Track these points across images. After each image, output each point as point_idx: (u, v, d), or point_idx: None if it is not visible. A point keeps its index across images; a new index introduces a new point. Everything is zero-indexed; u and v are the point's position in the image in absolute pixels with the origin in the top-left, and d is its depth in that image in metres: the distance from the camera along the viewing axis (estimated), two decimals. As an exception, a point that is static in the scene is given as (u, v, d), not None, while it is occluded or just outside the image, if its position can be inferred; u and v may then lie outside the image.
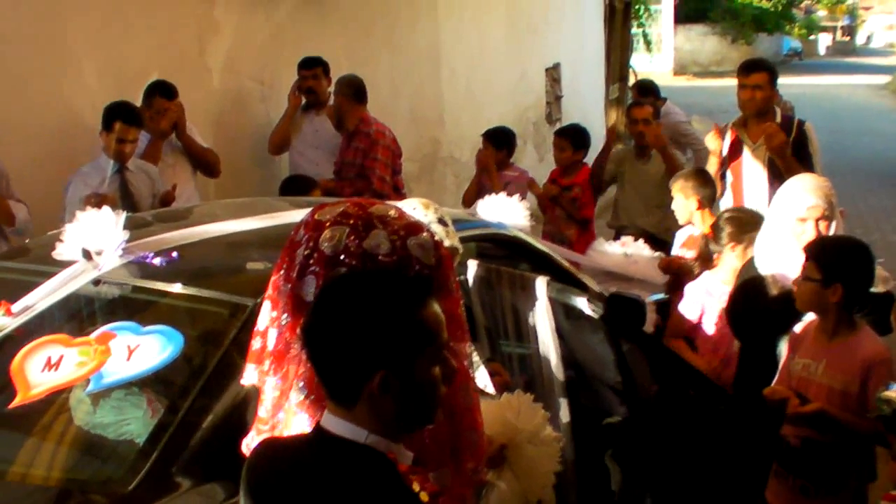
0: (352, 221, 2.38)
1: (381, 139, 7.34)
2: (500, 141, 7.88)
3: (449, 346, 2.23)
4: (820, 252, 3.99)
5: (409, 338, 2.10)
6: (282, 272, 2.46)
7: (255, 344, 2.53)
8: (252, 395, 2.87)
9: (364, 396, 2.09)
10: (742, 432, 4.27)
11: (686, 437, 4.29)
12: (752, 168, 6.35)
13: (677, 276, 5.64)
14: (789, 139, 6.20)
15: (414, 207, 3.21)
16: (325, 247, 2.36)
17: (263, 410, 2.51)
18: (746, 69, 6.48)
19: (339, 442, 2.12)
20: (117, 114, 5.70)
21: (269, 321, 2.48)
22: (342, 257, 2.34)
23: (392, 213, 2.45)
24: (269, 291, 2.50)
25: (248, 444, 2.54)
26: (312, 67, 7.61)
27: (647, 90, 9.47)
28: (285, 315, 2.44)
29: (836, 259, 3.95)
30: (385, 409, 2.10)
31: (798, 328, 4.18)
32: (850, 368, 3.91)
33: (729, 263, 4.98)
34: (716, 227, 5.18)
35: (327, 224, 2.39)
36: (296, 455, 2.19)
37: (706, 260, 5.44)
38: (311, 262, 2.38)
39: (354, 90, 7.38)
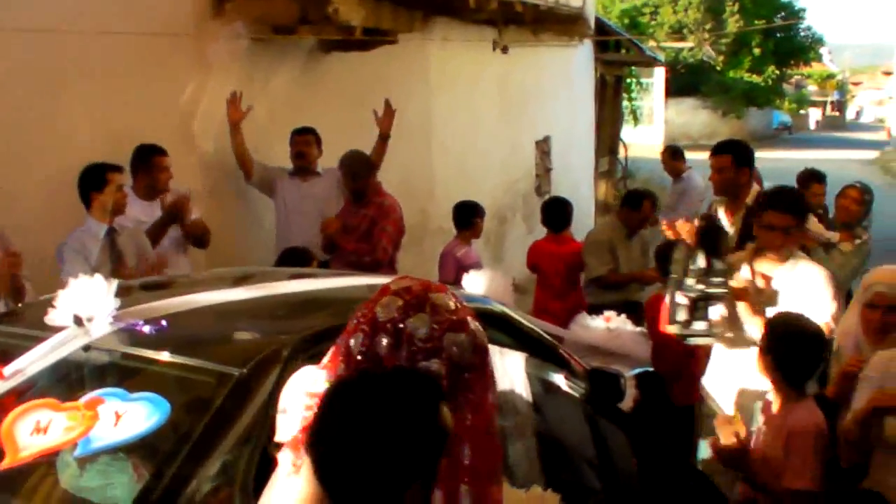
0: (408, 297, 2.44)
1: (393, 213, 7.50)
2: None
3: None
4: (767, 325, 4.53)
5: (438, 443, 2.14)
6: (356, 317, 2.51)
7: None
8: (235, 465, 2.95)
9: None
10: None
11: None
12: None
13: None
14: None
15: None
16: (378, 310, 2.43)
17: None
18: (712, 150, 6.53)
19: None
20: (104, 168, 5.90)
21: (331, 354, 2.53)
22: (387, 325, 2.40)
23: (451, 305, 2.48)
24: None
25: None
26: (304, 134, 7.88)
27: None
28: (329, 357, 2.51)
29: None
30: None
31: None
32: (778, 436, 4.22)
33: None
34: None
35: (391, 291, 2.48)
36: None
37: None
38: (364, 319, 2.45)
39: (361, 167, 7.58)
